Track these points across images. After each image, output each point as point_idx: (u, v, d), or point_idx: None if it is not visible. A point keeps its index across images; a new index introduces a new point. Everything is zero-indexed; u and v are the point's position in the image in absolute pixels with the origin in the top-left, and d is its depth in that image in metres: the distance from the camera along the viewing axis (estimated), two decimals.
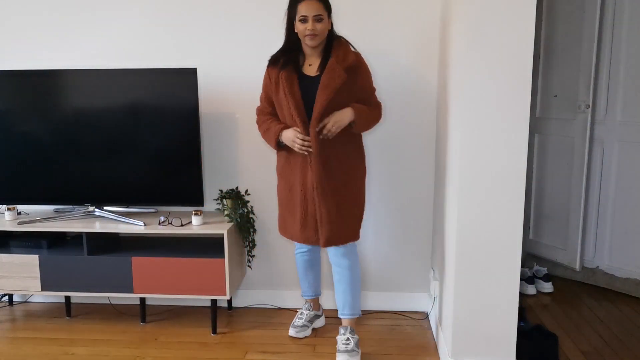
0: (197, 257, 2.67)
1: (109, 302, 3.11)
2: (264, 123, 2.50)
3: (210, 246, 2.79)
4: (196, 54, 2.88)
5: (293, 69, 2.37)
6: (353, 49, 2.42)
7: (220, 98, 2.91)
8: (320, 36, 2.31)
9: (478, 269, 2.17)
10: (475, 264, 2.17)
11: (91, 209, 2.88)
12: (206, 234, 2.69)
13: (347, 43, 2.40)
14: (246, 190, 2.90)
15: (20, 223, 2.76)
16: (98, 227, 2.71)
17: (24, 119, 2.80)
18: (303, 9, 2.27)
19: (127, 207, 2.91)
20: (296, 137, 2.32)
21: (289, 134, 2.35)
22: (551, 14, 3.37)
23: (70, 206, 2.96)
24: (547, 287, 3.29)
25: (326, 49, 2.36)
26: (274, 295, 3.07)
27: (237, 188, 2.93)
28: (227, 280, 2.65)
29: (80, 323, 2.92)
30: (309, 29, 2.27)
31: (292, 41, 2.39)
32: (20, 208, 2.98)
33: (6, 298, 3.17)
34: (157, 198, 2.84)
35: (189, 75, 2.67)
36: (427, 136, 2.86)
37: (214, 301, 2.74)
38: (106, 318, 2.96)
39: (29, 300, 3.20)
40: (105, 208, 2.88)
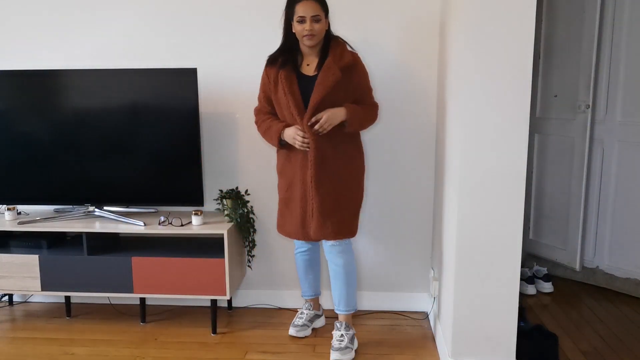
0: (197, 257, 2.67)
1: (109, 302, 3.11)
2: (264, 122, 2.52)
3: (210, 246, 2.79)
4: (196, 54, 2.88)
5: (292, 69, 2.39)
6: (350, 48, 2.44)
7: (220, 98, 2.91)
8: (317, 36, 2.34)
9: (478, 269, 2.17)
10: (475, 264, 2.17)
11: (91, 209, 2.88)
12: (206, 234, 2.69)
13: (344, 43, 2.43)
14: (246, 190, 2.90)
15: (20, 223, 2.76)
16: (98, 227, 2.71)
17: (24, 119, 2.80)
18: (301, 9, 2.30)
19: (127, 207, 2.91)
20: (297, 134, 2.35)
21: (290, 131, 2.38)
22: (551, 14, 3.37)
23: (70, 206, 2.96)
24: (547, 287, 3.29)
25: (324, 48, 2.39)
26: (274, 295, 3.07)
27: (237, 188, 2.93)
28: (227, 280, 2.65)
29: (80, 323, 2.92)
30: (306, 29, 2.30)
31: (290, 41, 2.42)
32: (20, 208, 2.98)
33: (6, 298, 3.17)
34: (157, 198, 2.84)
35: (189, 75, 2.67)
36: (427, 136, 2.86)
37: (214, 301, 2.74)
38: (106, 318, 2.96)
39: (29, 300, 3.20)
40: (105, 208, 2.88)
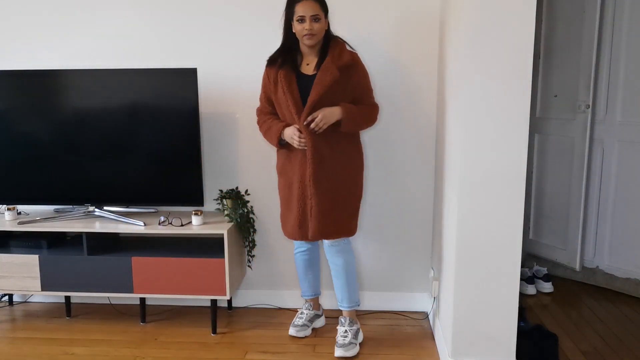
0: (197, 257, 2.67)
1: (109, 302, 3.11)
2: (265, 123, 2.53)
3: (210, 246, 2.79)
4: (196, 54, 2.88)
5: (291, 68, 2.40)
6: (350, 48, 2.44)
7: (220, 98, 2.91)
8: (317, 36, 2.35)
9: (478, 269, 2.17)
10: (475, 264, 2.17)
11: (91, 209, 2.88)
12: (206, 234, 2.69)
13: (344, 42, 2.43)
14: (246, 190, 2.90)
15: (20, 223, 2.76)
16: (98, 227, 2.71)
17: (24, 119, 2.80)
18: (300, 9, 2.31)
19: (127, 207, 2.91)
20: (294, 134, 2.36)
21: (289, 131, 2.39)
22: (551, 14, 3.37)
23: (70, 206, 2.96)
24: (547, 287, 3.29)
25: (323, 48, 2.40)
26: (274, 295, 3.07)
27: (237, 188, 2.93)
28: (227, 280, 2.65)
29: (80, 323, 2.92)
30: (306, 29, 2.31)
31: (290, 41, 2.43)
32: (20, 208, 2.98)
33: (6, 298, 3.17)
34: (157, 198, 2.84)
35: (189, 75, 2.67)
36: (427, 136, 2.86)
37: (214, 301, 2.74)
38: (106, 318, 2.96)
39: (29, 300, 3.20)
40: (105, 208, 2.88)
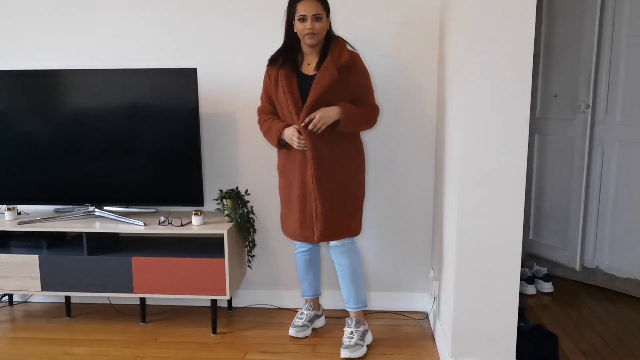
0: (197, 257, 2.66)
1: (109, 302, 3.11)
2: (265, 122, 2.52)
3: (210, 246, 2.79)
4: (196, 54, 2.88)
5: (292, 68, 2.40)
6: (352, 48, 2.44)
7: (220, 98, 2.91)
8: (319, 35, 2.34)
9: (478, 269, 2.17)
10: (475, 264, 2.17)
11: (91, 209, 2.88)
12: (206, 234, 2.69)
13: (344, 43, 2.42)
14: (246, 190, 2.90)
15: (20, 223, 2.76)
16: (98, 227, 2.71)
17: (24, 119, 2.80)
18: (302, 8, 2.31)
19: (127, 207, 2.91)
20: (294, 135, 2.35)
21: (289, 131, 2.38)
22: (551, 14, 3.37)
23: (70, 206, 2.96)
24: (547, 287, 3.29)
25: (324, 48, 2.39)
26: (274, 295, 3.07)
27: (237, 188, 2.93)
28: (227, 280, 2.65)
29: (80, 323, 2.92)
30: (307, 28, 2.30)
31: (291, 41, 2.42)
32: (20, 208, 2.98)
33: (6, 298, 3.17)
34: (157, 198, 2.84)
35: (189, 75, 2.67)
36: (427, 136, 2.86)
37: (214, 301, 2.74)
38: (106, 318, 2.96)
39: (29, 300, 3.20)
40: (105, 208, 2.88)
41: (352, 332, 2.53)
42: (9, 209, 2.87)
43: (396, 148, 2.88)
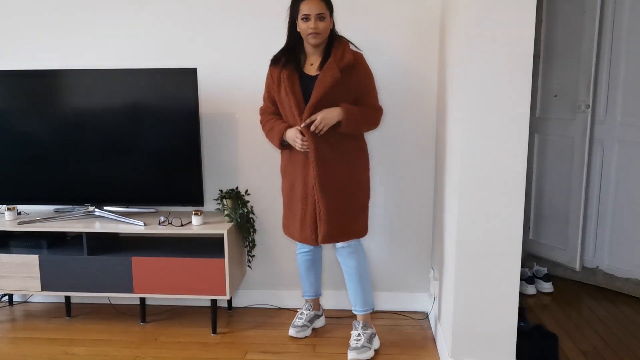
0: (197, 257, 2.66)
1: (109, 302, 3.11)
2: (268, 123, 2.50)
3: (210, 246, 2.79)
4: (196, 54, 2.88)
5: (294, 68, 2.37)
6: (355, 48, 2.42)
7: (220, 98, 2.91)
8: (322, 35, 2.31)
9: (478, 269, 2.17)
10: (475, 264, 2.17)
11: (91, 209, 2.88)
12: (206, 234, 2.69)
13: (348, 43, 2.40)
14: (246, 190, 2.90)
15: (20, 223, 2.76)
16: (98, 227, 2.71)
17: (24, 119, 2.80)
18: (305, 7, 2.28)
19: (127, 207, 2.91)
20: (296, 136, 2.33)
21: (291, 133, 2.36)
22: (551, 14, 3.37)
23: (70, 206, 2.96)
24: (547, 287, 3.29)
25: (327, 48, 2.37)
26: (274, 295, 3.07)
27: (237, 188, 2.93)
28: (227, 280, 2.65)
29: (80, 323, 2.92)
30: (311, 28, 2.28)
31: (294, 40, 2.40)
32: (20, 208, 2.98)
33: (6, 298, 3.17)
34: (157, 198, 2.83)
35: (189, 75, 2.67)
36: (427, 136, 2.86)
37: (214, 301, 2.74)
38: (106, 318, 2.96)
39: (29, 300, 3.19)
40: (105, 208, 2.88)
41: (360, 335, 2.51)
42: (9, 209, 2.87)
43: (396, 148, 2.88)
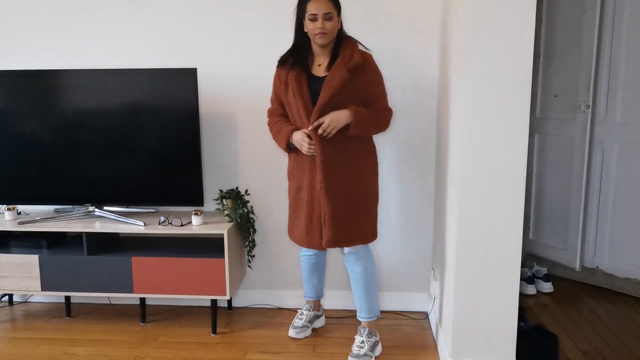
0: (197, 257, 2.66)
1: (109, 302, 3.11)
2: (275, 125, 2.46)
3: (210, 246, 2.79)
4: (196, 54, 2.88)
5: (302, 69, 2.33)
6: (364, 49, 2.37)
7: (220, 98, 2.91)
8: (330, 34, 2.26)
9: (478, 269, 2.17)
10: (475, 264, 2.17)
11: (91, 209, 2.88)
12: (206, 234, 2.69)
13: (356, 43, 2.35)
14: (246, 190, 2.90)
15: (20, 223, 2.76)
16: (98, 227, 2.71)
17: (24, 119, 2.80)
18: (313, 7, 2.23)
19: (127, 207, 2.91)
20: (303, 140, 2.29)
21: (298, 136, 2.32)
22: (551, 14, 3.37)
23: (70, 206, 2.96)
24: (547, 287, 3.29)
25: (335, 48, 2.32)
26: (274, 295, 3.07)
27: (237, 188, 2.93)
28: (227, 280, 2.65)
29: (80, 323, 2.92)
30: (318, 27, 2.23)
31: (301, 41, 2.35)
32: (20, 208, 2.98)
33: (6, 298, 3.17)
34: (157, 198, 2.83)
35: (189, 75, 2.67)
36: (428, 136, 2.86)
37: (214, 301, 2.74)
38: (106, 318, 2.96)
39: (29, 300, 3.20)
40: (105, 208, 2.88)
41: (363, 342, 2.47)
42: (9, 209, 2.87)
43: (397, 148, 2.88)
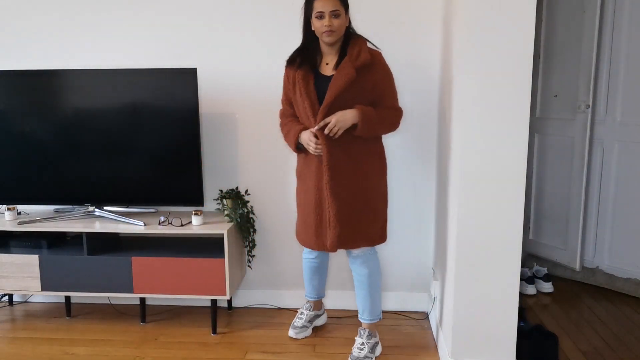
0: (197, 257, 2.66)
1: (109, 302, 3.11)
2: (285, 126, 2.44)
3: (210, 246, 2.79)
4: (196, 54, 2.88)
5: (309, 69, 2.31)
6: (373, 46, 2.33)
7: (220, 98, 2.91)
8: (337, 32, 2.23)
9: (478, 269, 2.17)
10: (475, 264, 2.17)
11: (91, 209, 2.88)
12: (206, 234, 2.69)
13: (365, 41, 2.31)
14: (246, 190, 2.90)
15: (20, 223, 2.76)
16: (98, 227, 2.71)
17: (24, 119, 2.80)
18: (319, 5, 2.21)
19: (127, 207, 2.91)
20: (310, 139, 2.27)
21: (305, 136, 2.30)
22: (551, 14, 3.37)
23: (70, 206, 2.96)
24: (547, 287, 3.29)
25: (343, 47, 2.29)
26: (274, 295, 3.07)
27: (237, 188, 2.93)
28: (227, 280, 2.65)
29: (80, 323, 2.92)
30: (325, 25, 2.20)
31: (309, 40, 2.33)
32: (20, 208, 2.98)
33: (6, 298, 3.17)
34: (157, 198, 2.83)
35: (189, 75, 2.67)
36: (429, 136, 2.86)
37: (214, 301, 2.73)
38: (106, 318, 2.96)
39: (29, 300, 3.20)
40: (105, 208, 2.88)
41: (363, 344, 2.46)
42: (9, 209, 2.87)
43: (398, 148, 2.88)
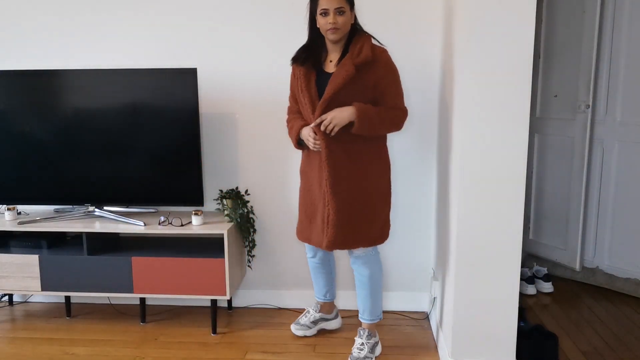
0: (197, 257, 2.66)
1: (109, 302, 3.11)
2: (290, 122, 2.44)
3: (210, 246, 2.79)
4: (196, 54, 2.88)
5: (312, 66, 2.30)
6: (379, 44, 2.31)
7: (220, 98, 2.91)
8: (342, 30, 2.22)
9: (478, 269, 2.17)
10: (475, 264, 2.17)
11: (91, 209, 2.88)
12: (206, 234, 2.69)
13: (369, 38, 2.28)
14: (246, 190, 2.90)
15: (20, 223, 2.76)
16: (98, 227, 2.71)
17: (24, 119, 2.80)
18: (324, 2, 2.19)
19: (127, 207, 2.91)
20: (309, 135, 2.27)
21: (305, 131, 2.30)
22: (551, 14, 3.37)
23: (70, 206, 2.96)
24: (547, 287, 3.29)
25: (348, 44, 2.27)
26: (274, 295, 3.07)
27: (237, 188, 2.93)
28: (227, 280, 2.65)
29: (80, 323, 2.92)
30: (330, 23, 2.19)
31: (315, 37, 2.32)
32: (20, 208, 2.98)
33: (6, 298, 3.17)
34: (157, 198, 2.83)
35: (189, 75, 2.67)
36: (429, 136, 2.86)
37: (214, 301, 2.73)
38: (106, 318, 2.96)
39: (29, 300, 3.20)
40: (105, 208, 2.88)
41: (363, 344, 2.45)
42: (9, 209, 2.87)
43: (398, 148, 2.88)
